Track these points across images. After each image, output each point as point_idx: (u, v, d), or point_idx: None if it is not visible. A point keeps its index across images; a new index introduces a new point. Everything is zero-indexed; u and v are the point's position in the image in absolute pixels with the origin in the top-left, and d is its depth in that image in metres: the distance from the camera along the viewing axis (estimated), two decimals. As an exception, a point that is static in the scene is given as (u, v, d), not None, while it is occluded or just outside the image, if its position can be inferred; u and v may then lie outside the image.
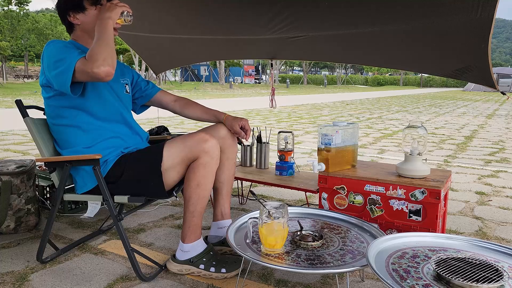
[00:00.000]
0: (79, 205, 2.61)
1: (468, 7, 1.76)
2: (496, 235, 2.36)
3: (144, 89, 2.10)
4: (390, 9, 2.11)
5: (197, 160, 1.71)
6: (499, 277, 1.21)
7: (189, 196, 1.74)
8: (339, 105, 14.88)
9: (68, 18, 1.77)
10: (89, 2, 1.75)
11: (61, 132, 1.81)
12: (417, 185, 1.90)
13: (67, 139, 1.81)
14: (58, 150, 1.87)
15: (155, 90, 2.12)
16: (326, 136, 2.10)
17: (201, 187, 1.72)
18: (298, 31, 2.68)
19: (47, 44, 1.72)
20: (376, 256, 1.39)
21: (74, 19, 1.77)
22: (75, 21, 1.77)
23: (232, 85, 30.92)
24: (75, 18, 1.77)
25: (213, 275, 1.74)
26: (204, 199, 1.75)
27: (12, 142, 5.48)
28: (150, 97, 2.11)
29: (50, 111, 1.81)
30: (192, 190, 1.72)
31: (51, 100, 1.78)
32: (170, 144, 1.75)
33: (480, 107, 14.24)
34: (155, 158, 1.72)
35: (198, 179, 1.71)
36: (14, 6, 29.99)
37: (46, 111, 1.84)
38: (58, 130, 1.82)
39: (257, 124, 8.03)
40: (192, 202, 1.74)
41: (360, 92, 29.88)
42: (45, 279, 1.73)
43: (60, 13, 1.81)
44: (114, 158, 1.77)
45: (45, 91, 1.77)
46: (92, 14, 1.76)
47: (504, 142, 6.15)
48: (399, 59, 2.87)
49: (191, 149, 1.70)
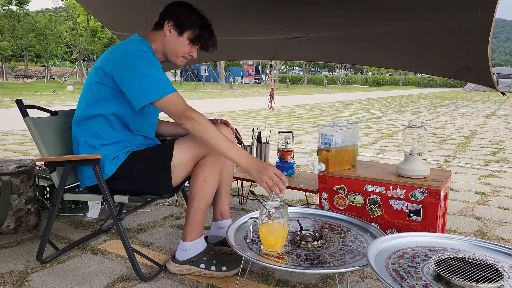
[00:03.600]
0: (79, 205, 2.61)
1: (468, 7, 1.76)
2: (496, 235, 2.36)
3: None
4: (390, 10, 2.11)
5: (206, 157, 1.75)
6: (499, 277, 1.21)
7: (195, 192, 1.75)
8: (339, 105, 14.88)
9: (164, 21, 1.78)
10: (189, 37, 1.78)
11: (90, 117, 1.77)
12: (417, 185, 1.90)
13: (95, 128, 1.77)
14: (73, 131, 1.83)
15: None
16: (326, 136, 2.10)
17: (208, 183, 1.75)
18: (298, 32, 2.69)
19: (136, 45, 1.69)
20: (376, 256, 1.39)
21: (167, 29, 1.78)
22: (166, 30, 1.78)
23: (232, 85, 30.90)
24: (168, 29, 1.78)
25: (213, 274, 1.75)
26: (209, 196, 1.77)
27: (12, 142, 5.48)
28: None
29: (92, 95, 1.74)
30: (199, 186, 1.74)
31: (99, 86, 1.71)
32: (181, 141, 1.78)
33: (480, 107, 14.24)
34: (165, 154, 1.74)
35: (205, 175, 1.74)
36: (14, 6, 30.03)
37: (86, 89, 1.77)
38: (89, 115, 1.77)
39: (257, 124, 8.03)
40: (197, 198, 1.75)
41: (360, 92, 29.89)
42: (45, 279, 1.73)
43: (166, 9, 1.81)
44: (125, 155, 1.77)
45: (99, 76, 1.70)
46: (181, 42, 1.79)
47: (504, 142, 6.15)
48: (399, 59, 2.87)
49: (201, 146, 1.73)
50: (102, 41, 31.54)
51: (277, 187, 1.55)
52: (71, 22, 30.42)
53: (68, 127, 2.00)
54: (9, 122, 7.64)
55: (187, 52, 1.82)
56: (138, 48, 1.68)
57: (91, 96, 1.74)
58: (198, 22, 1.79)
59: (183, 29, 1.77)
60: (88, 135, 1.78)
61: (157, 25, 1.82)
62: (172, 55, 1.82)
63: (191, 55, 1.85)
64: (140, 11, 2.85)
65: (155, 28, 1.82)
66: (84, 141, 1.79)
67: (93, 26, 30.52)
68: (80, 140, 1.80)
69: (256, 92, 24.24)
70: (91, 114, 1.75)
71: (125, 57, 1.64)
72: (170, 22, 1.77)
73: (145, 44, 1.76)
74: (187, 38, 1.78)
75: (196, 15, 1.80)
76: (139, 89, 1.61)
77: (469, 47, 2.09)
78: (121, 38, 3.43)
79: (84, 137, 1.79)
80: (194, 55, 1.85)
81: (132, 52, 1.65)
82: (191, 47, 1.82)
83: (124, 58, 1.64)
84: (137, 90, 1.61)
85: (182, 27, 1.77)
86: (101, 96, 1.72)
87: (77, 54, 30.07)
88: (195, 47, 1.83)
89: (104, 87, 1.70)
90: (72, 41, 30.58)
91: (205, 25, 1.81)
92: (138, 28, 3.16)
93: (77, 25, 30.03)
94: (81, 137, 1.79)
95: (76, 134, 1.82)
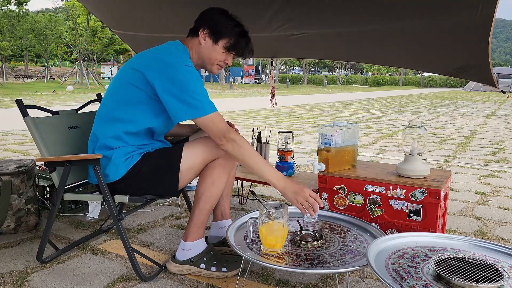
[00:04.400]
0: (79, 205, 2.61)
1: (469, 6, 1.77)
2: (496, 235, 2.36)
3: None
4: (391, 7, 2.11)
5: (217, 160, 1.74)
6: (499, 277, 1.21)
7: (202, 193, 1.75)
8: (339, 105, 14.88)
9: (199, 29, 1.76)
10: (224, 45, 1.76)
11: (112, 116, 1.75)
12: (417, 185, 1.90)
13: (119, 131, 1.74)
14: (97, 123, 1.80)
15: None
16: (326, 136, 2.10)
17: (216, 185, 1.74)
18: (299, 29, 2.68)
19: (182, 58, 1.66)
20: (376, 256, 1.39)
21: (202, 37, 1.75)
22: (200, 38, 1.75)
23: (232, 85, 30.89)
24: (203, 37, 1.75)
25: (214, 274, 1.75)
26: (215, 198, 1.77)
27: (12, 142, 5.48)
28: None
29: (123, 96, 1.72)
30: (207, 187, 1.74)
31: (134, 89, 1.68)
32: (191, 145, 1.77)
33: (480, 107, 14.24)
34: (174, 156, 1.74)
35: (214, 177, 1.73)
36: (13, 6, 30.04)
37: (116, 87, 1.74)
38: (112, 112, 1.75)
39: (257, 124, 8.03)
40: (204, 199, 1.75)
41: (360, 92, 29.88)
42: (45, 279, 1.73)
43: (201, 16, 1.79)
44: (139, 156, 1.76)
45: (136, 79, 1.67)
46: (217, 50, 1.76)
47: (504, 142, 6.15)
48: (399, 57, 2.87)
49: (212, 150, 1.73)
50: (102, 41, 31.54)
51: (311, 208, 1.59)
52: (71, 22, 30.41)
53: (68, 127, 2.00)
54: (9, 122, 7.64)
55: (222, 60, 1.80)
56: (185, 62, 1.65)
57: (123, 97, 1.71)
58: (234, 30, 1.76)
59: (218, 37, 1.75)
60: (111, 136, 1.75)
61: (192, 31, 1.80)
62: (207, 63, 1.80)
63: (226, 63, 1.83)
64: (140, 10, 2.85)
65: (191, 34, 1.80)
66: (103, 142, 1.76)
67: (93, 26, 30.52)
68: (100, 139, 1.77)
69: (256, 92, 24.24)
70: (120, 117, 1.73)
71: (171, 70, 1.62)
72: (205, 30, 1.75)
73: (186, 54, 1.75)
74: (222, 47, 1.76)
75: (233, 22, 1.77)
76: (183, 104, 1.60)
77: (469, 45, 2.09)
78: (121, 37, 3.43)
79: (105, 138, 1.76)
80: (229, 62, 1.84)
81: (179, 65, 1.63)
82: (227, 54, 1.79)
83: (170, 70, 1.61)
84: (179, 104, 1.61)
85: (217, 35, 1.75)
86: (134, 99, 1.69)
87: (77, 54, 30.06)
88: (231, 54, 1.81)
89: (139, 91, 1.68)
90: (72, 41, 30.56)
91: (241, 33, 1.78)
92: (139, 28, 3.17)
93: (77, 25, 30.02)
94: (102, 136, 1.77)
95: (97, 132, 1.79)
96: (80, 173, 1.93)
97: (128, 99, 1.70)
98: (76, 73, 31.75)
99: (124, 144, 1.76)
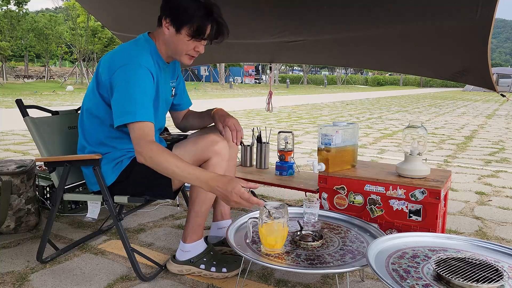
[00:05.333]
0: (79, 205, 2.61)
1: (468, 7, 1.76)
2: (496, 235, 2.36)
3: (180, 99, 1.99)
4: (389, 12, 2.10)
5: (208, 161, 1.69)
6: (499, 277, 1.21)
7: (196, 196, 1.73)
8: (339, 105, 14.88)
9: (162, 19, 1.64)
10: (187, 32, 1.60)
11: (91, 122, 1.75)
12: (417, 185, 1.90)
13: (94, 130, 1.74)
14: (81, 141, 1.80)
15: (187, 104, 2.03)
16: (326, 136, 2.10)
17: None
18: (296, 36, 2.68)
19: (130, 59, 1.58)
20: (376, 256, 1.39)
21: (166, 26, 1.63)
22: (164, 27, 1.64)
23: (232, 85, 30.89)
24: (166, 27, 1.63)
25: (213, 274, 1.74)
26: (210, 200, 1.75)
27: (12, 142, 5.48)
28: (177, 109, 2.02)
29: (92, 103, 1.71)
30: (200, 191, 1.71)
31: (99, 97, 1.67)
32: (181, 145, 1.72)
33: (480, 107, 14.24)
34: None
35: None
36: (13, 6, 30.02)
37: (89, 98, 1.73)
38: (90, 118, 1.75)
39: (257, 124, 8.03)
40: (198, 202, 1.73)
41: (360, 92, 29.88)
42: (45, 279, 1.73)
43: (163, 3, 1.65)
44: (129, 160, 1.75)
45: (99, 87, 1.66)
46: (181, 39, 1.62)
47: (504, 142, 6.15)
48: (397, 62, 2.87)
49: (203, 151, 1.68)
50: (102, 41, 31.52)
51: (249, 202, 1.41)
52: (71, 22, 30.41)
53: (68, 127, 2.00)
54: (9, 122, 7.63)
55: (191, 49, 1.65)
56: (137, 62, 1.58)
57: (90, 103, 1.73)
58: (196, 14, 1.57)
59: (180, 25, 1.60)
60: (96, 143, 1.75)
61: (158, 21, 1.67)
62: (175, 54, 1.68)
63: (197, 51, 1.67)
64: (140, 10, 2.85)
65: (158, 24, 1.67)
66: (91, 149, 1.76)
67: (93, 26, 30.50)
68: (88, 147, 1.77)
69: (256, 92, 24.23)
70: (95, 123, 1.73)
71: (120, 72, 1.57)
72: (167, 18, 1.61)
73: (145, 49, 1.67)
74: (186, 35, 1.61)
75: (194, 4, 1.58)
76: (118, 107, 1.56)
77: (468, 48, 2.08)
78: (121, 38, 3.43)
79: (92, 145, 1.76)
80: (200, 50, 1.67)
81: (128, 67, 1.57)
82: (194, 42, 1.63)
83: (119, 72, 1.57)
84: (115, 108, 1.57)
85: (179, 23, 1.59)
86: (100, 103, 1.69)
87: (77, 54, 30.07)
88: (199, 42, 1.64)
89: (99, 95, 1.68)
90: (72, 41, 30.57)
91: (205, 15, 1.59)
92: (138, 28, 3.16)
93: (77, 25, 30.02)
94: (88, 144, 1.77)
95: (82, 142, 1.79)
96: (80, 173, 1.93)
97: (96, 105, 1.70)
98: (76, 73, 31.77)
99: (111, 149, 1.75)
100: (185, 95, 2.03)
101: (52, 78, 35.42)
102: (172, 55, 1.72)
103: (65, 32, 33.38)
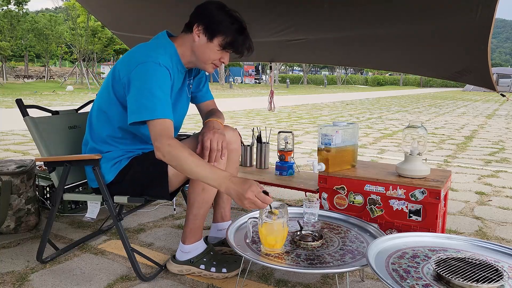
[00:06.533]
0: (79, 205, 2.61)
1: (468, 7, 1.76)
2: (496, 235, 2.36)
3: (200, 92, 1.95)
4: (389, 12, 2.11)
5: None
6: (499, 277, 1.21)
7: (194, 200, 1.73)
8: (339, 105, 14.88)
9: (193, 24, 1.64)
10: (220, 43, 1.62)
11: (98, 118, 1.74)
12: (417, 185, 1.90)
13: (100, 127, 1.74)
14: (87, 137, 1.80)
15: (208, 96, 1.98)
16: (326, 136, 2.10)
17: (206, 191, 1.71)
18: (297, 34, 2.68)
19: (150, 57, 1.56)
20: (376, 256, 1.39)
21: (196, 33, 1.63)
22: (195, 34, 1.63)
23: (232, 85, 30.90)
24: (197, 34, 1.63)
25: (213, 275, 1.74)
26: (208, 203, 1.75)
27: (12, 142, 5.48)
28: (198, 102, 1.97)
29: (104, 99, 1.70)
30: (197, 194, 1.71)
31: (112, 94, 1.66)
32: None
33: (480, 107, 14.24)
34: (162, 161, 1.64)
35: (204, 184, 1.65)
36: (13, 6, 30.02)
37: (102, 94, 1.72)
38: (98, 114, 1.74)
39: (257, 124, 8.03)
40: (196, 205, 1.73)
41: (360, 92, 29.88)
42: (45, 279, 1.73)
43: (196, 10, 1.66)
44: (127, 160, 1.76)
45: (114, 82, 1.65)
46: (211, 48, 1.63)
47: (504, 142, 6.15)
48: (398, 61, 2.87)
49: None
50: (102, 41, 31.52)
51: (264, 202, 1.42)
52: (71, 22, 30.40)
53: (68, 127, 2.00)
54: (9, 122, 7.63)
55: (217, 58, 1.67)
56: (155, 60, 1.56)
57: (103, 100, 1.72)
58: (232, 27, 1.62)
59: (213, 34, 1.61)
60: (100, 140, 1.75)
61: (186, 27, 1.67)
62: (201, 61, 1.68)
63: (222, 62, 1.70)
64: (140, 10, 2.85)
65: (185, 30, 1.68)
66: (93, 146, 1.77)
67: (93, 26, 30.50)
68: (90, 142, 1.78)
69: (256, 92, 24.23)
70: (102, 121, 1.73)
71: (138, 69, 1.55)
72: (200, 26, 1.62)
73: (169, 49, 1.65)
74: (218, 44, 1.62)
75: (230, 18, 1.62)
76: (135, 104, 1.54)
77: (468, 48, 2.08)
78: (121, 38, 3.43)
79: (95, 142, 1.76)
80: (225, 61, 1.70)
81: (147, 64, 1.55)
82: (223, 53, 1.66)
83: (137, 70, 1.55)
84: (132, 105, 1.55)
85: (212, 32, 1.61)
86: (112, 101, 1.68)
87: (77, 54, 30.06)
88: (227, 53, 1.67)
89: (113, 93, 1.67)
90: (72, 41, 30.56)
91: (239, 29, 1.63)
92: (139, 28, 3.16)
93: (77, 25, 30.01)
94: (92, 140, 1.77)
95: (87, 136, 1.79)
96: (80, 173, 1.93)
97: (107, 101, 1.69)
98: (76, 73, 31.75)
99: (113, 148, 1.75)
100: (205, 88, 1.98)
101: (52, 78, 35.43)
102: (195, 62, 1.71)
103: (65, 32, 33.39)
